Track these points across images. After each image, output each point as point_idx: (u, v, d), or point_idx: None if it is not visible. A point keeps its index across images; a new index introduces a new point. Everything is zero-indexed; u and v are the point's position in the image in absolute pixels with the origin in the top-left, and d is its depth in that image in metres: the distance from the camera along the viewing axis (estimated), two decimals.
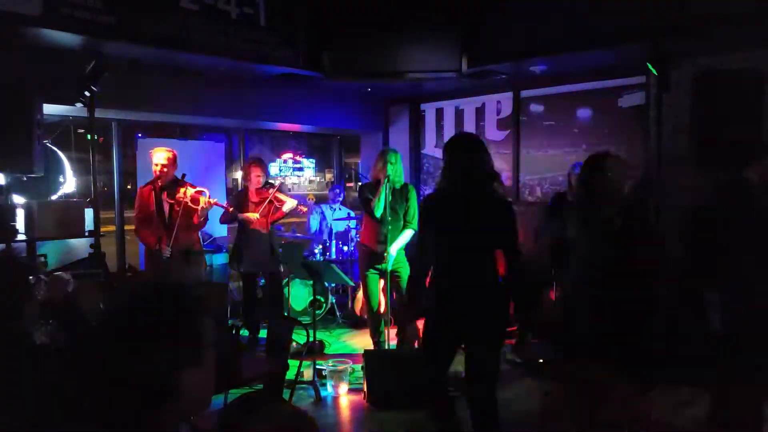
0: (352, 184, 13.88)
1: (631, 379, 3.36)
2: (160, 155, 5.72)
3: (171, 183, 5.74)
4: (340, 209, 8.25)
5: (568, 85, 7.11)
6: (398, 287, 5.70)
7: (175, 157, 5.81)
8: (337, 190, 8.42)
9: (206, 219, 5.91)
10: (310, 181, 19.65)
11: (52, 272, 4.85)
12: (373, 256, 5.78)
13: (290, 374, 4.40)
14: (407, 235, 5.73)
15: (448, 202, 3.64)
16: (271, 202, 6.22)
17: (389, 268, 5.54)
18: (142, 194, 5.83)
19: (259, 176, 6.31)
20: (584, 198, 3.66)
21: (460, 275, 3.61)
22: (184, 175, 5.74)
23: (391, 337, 5.76)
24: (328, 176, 11.35)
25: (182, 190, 5.62)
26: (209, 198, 5.68)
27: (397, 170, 5.62)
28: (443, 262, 3.66)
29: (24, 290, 2.29)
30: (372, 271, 5.84)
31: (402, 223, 5.74)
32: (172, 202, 5.63)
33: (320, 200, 8.67)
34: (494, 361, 3.67)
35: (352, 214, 8.19)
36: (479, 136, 4.13)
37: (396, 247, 5.64)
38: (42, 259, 5.45)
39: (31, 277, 2.42)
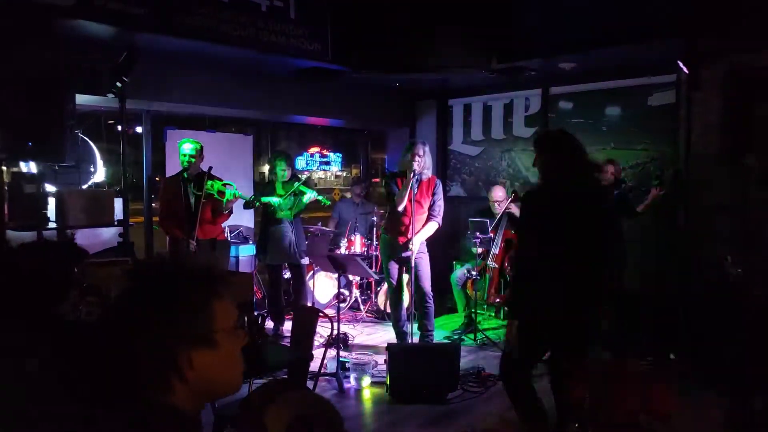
0: (378, 180, 13.89)
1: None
2: (188, 146, 5.82)
3: (198, 175, 5.83)
4: (362, 204, 8.26)
5: (598, 83, 7.03)
6: (417, 278, 5.71)
7: (202, 148, 5.91)
8: (358, 190, 8.41)
9: (231, 212, 6.00)
10: (336, 176, 19.64)
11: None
12: (395, 246, 5.80)
13: (313, 365, 4.43)
14: (431, 227, 5.73)
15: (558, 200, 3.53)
16: (296, 194, 6.28)
17: (412, 259, 5.57)
18: (167, 186, 5.92)
19: (284, 170, 6.40)
20: None
21: (565, 278, 3.44)
22: (210, 168, 5.80)
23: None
24: (354, 171, 11.37)
25: (209, 183, 5.69)
26: (235, 191, 5.76)
27: (425, 162, 5.61)
28: (547, 263, 3.48)
29: (71, 274, 2.33)
30: (394, 260, 5.86)
31: (426, 215, 5.74)
32: (199, 194, 5.70)
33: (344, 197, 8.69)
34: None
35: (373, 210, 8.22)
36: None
37: (420, 239, 5.64)
38: None
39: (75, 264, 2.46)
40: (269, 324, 6.53)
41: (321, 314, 4.09)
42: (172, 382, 1.26)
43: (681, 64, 5.56)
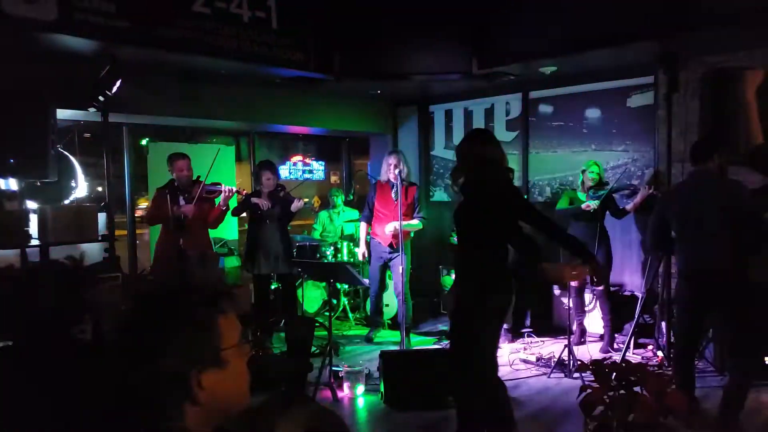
0: (358, 186, 13.79)
1: None
2: (182, 163, 5.87)
3: (189, 184, 5.87)
4: (344, 212, 8.22)
5: (577, 86, 7.11)
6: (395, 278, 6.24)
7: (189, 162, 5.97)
8: (336, 199, 8.34)
9: (222, 218, 5.98)
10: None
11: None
12: (381, 248, 6.45)
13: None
14: (414, 222, 6.42)
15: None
16: (284, 203, 6.27)
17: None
18: (159, 196, 5.89)
19: (269, 179, 6.37)
20: None
21: None
22: (199, 177, 5.86)
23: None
24: (333, 179, 11.30)
25: (197, 188, 5.76)
26: (224, 186, 5.89)
27: (405, 169, 6.29)
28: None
29: (83, 297, 2.32)
30: (379, 260, 6.51)
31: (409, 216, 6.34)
32: (187, 196, 5.75)
33: (325, 205, 8.62)
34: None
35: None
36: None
37: (404, 228, 6.12)
38: None
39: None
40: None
41: (318, 324, 4.08)
42: (184, 406, 1.24)
43: (659, 67, 5.64)
